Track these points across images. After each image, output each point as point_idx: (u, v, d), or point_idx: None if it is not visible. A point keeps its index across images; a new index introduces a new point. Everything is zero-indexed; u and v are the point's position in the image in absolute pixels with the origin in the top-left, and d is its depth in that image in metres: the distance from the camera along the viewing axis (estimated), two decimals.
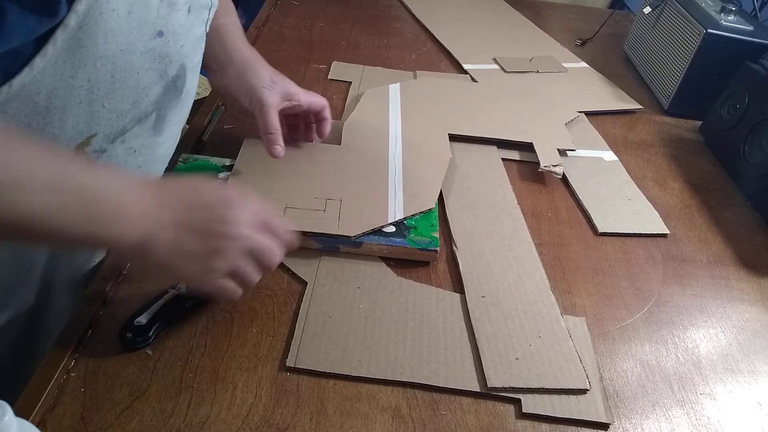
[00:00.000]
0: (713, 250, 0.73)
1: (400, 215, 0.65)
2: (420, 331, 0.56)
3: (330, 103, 0.73)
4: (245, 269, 0.48)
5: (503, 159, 0.82)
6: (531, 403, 0.51)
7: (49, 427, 0.45)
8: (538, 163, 0.79)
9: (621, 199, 0.77)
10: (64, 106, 0.47)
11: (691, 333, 0.61)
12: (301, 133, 0.75)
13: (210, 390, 0.49)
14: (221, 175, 0.68)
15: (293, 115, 0.72)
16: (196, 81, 0.64)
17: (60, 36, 0.43)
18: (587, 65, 1.11)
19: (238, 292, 0.49)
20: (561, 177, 0.79)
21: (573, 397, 0.52)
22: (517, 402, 0.51)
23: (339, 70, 1.00)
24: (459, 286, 0.61)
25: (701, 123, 0.96)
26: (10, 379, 0.59)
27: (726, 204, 0.81)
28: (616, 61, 1.17)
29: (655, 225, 0.74)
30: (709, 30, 0.91)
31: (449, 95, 0.93)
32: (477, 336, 0.55)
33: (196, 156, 0.71)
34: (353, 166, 0.72)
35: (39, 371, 0.48)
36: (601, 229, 0.72)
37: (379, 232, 0.63)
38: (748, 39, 0.92)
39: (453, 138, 0.82)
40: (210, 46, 0.65)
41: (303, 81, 0.96)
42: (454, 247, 0.66)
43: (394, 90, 0.91)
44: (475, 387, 0.51)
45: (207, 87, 0.72)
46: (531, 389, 0.52)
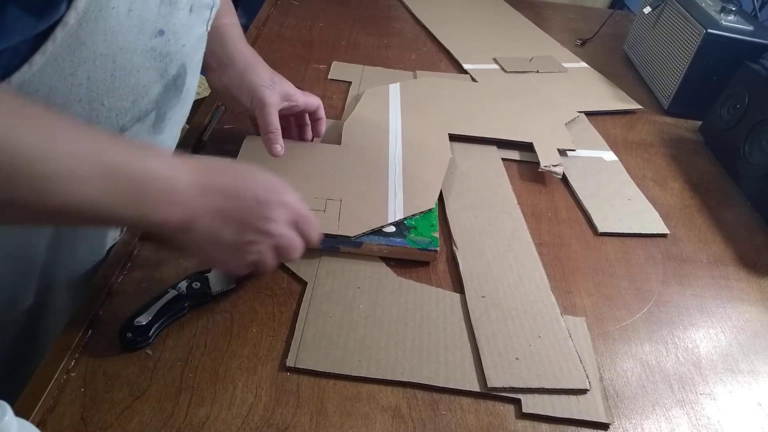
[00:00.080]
0: (713, 250, 0.73)
1: (400, 215, 0.65)
2: (420, 331, 0.56)
3: (330, 103, 0.74)
4: (267, 259, 0.51)
5: (503, 159, 0.82)
6: (531, 403, 0.51)
7: (49, 427, 0.45)
8: (538, 163, 0.79)
9: (621, 199, 0.77)
10: (63, 103, 0.47)
11: (691, 333, 0.61)
12: (294, 134, 0.76)
13: (210, 390, 0.49)
14: None
15: (284, 116, 0.72)
16: (196, 80, 0.64)
17: (59, 33, 0.43)
18: (587, 65, 1.11)
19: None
20: (561, 177, 0.79)
21: (573, 397, 0.52)
22: (517, 402, 0.51)
23: (339, 70, 1.00)
24: (459, 286, 0.61)
25: (701, 123, 0.96)
26: (10, 379, 0.59)
27: (726, 204, 0.81)
28: (616, 61, 1.17)
29: (655, 225, 0.74)
30: (709, 30, 0.91)
31: (449, 95, 0.93)
32: (477, 336, 0.55)
33: (196, 156, 0.71)
34: (353, 165, 0.72)
35: (39, 371, 0.48)
36: (601, 229, 0.72)
37: (379, 232, 0.63)
38: (748, 39, 0.92)
39: (453, 138, 0.82)
40: (210, 45, 0.65)
41: (303, 81, 0.96)
42: (454, 247, 0.66)
43: (394, 90, 0.91)
44: (475, 387, 0.51)
45: (207, 87, 0.72)
46: (531, 389, 0.52)
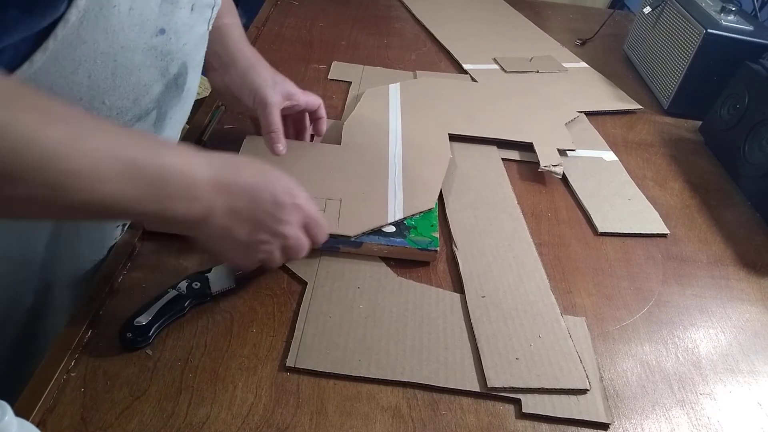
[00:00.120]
0: (713, 250, 0.73)
1: (400, 215, 0.65)
2: (420, 331, 0.56)
3: (330, 103, 0.74)
4: (275, 257, 0.53)
5: (503, 159, 0.82)
6: (531, 403, 0.51)
7: (49, 427, 0.45)
8: (538, 163, 0.79)
9: (621, 199, 0.77)
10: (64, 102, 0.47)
11: (691, 333, 0.61)
12: (291, 134, 0.76)
13: (210, 390, 0.49)
14: None
15: (282, 117, 0.72)
16: (197, 80, 0.64)
17: (60, 31, 0.43)
18: (587, 65, 1.11)
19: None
20: (561, 177, 0.79)
21: (573, 397, 0.52)
22: (517, 402, 0.51)
23: (339, 70, 1.00)
24: (459, 286, 0.61)
25: (701, 123, 0.96)
26: (10, 379, 0.59)
27: (726, 204, 0.81)
28: (616, 61, 1.17)
29: (655, 225, 0.74)
30: (709, 30, 0.91)
31: (449, 95, 0.93)
32: (477, 336, 0.55)
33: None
34: (353, 165, 0.72)
35: (39, 371, 0.48)
36: (601, 229, 0.72)
37: (379, 232, 0.63)
38: (748, 39, 0.92)
39: (453, 138, 0.82)
40: (212, 45, 0.65)
41: (303, 81, 0.96)
42: (454, 247, 0.66)
43: (394, 90, 0.91)
44: (475, 387, 0.51)
45: (207, 87, 0.72)
46: (531, 389, 0.52)
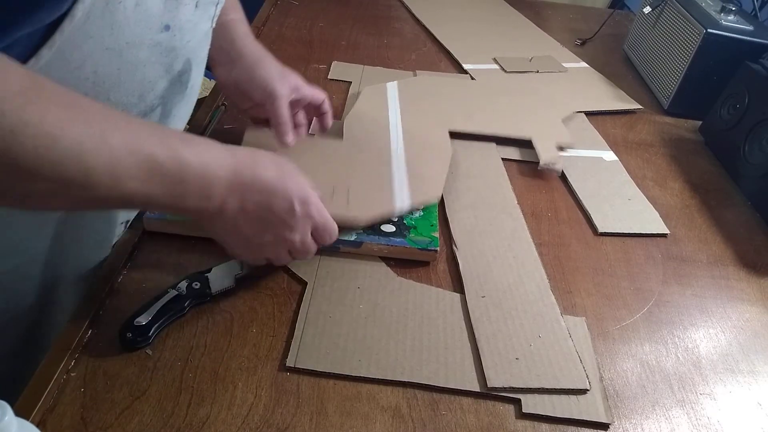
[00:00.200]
0: (713, 250, 0.73)
1: (407, 202, 0.65)
2: (420, 331, 0.56)
3: (330, 103, 0.73)
4: (281, 257, 0.55)
5: (503, 159, 0.82)
6: (531, 403, 0.51)
7: (49, 427, 0.45)
8: (537, 162, 0.79)
9: (621, 199, 0.77)
10: None
11: (691, 333, 0.61)
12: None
13: (210, 390, 0.49)
14: None
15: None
16: (201, 77, 0.65)
17: (67, 26, 0.43)
18: (587, 65, 1.11)
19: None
20: (560, 174, 0.79)
21: (573, 397, 0.52)
22: (517, 402, 0.51)
23: (339, 70, 1.00)
24: (459, 286, 0.61)
25: (701, 123, 0.96)
26: (13, 378, 0.59)
27: (726, 204, 0.81)
28: (616, 61, 1.17)
29: (655, 225, 0.74)
30: (709, 30, 0.91)
31: (448, 93, 0.93)
32: (477, 336, 0.55)
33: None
34: (357, 157, 0.72)
35: (39, 371, 0.48)
36: (601, 229, 0.72)
37: (379, 232, 0.63)
38: (748, 39, 0.92)
39: (452, 135, 0.82)
40: (218, 40, 0.66)
41: None
42: (454, 247, 0.66)
43: (392, 88, 0.91)
44: (475, 387, 0.51)
45: (207, 87, 0.72)
46: (531, 389, 0.52)
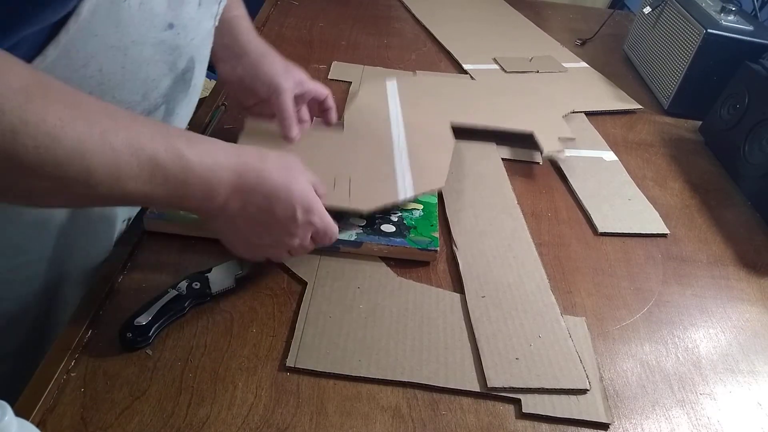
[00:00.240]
0: (713, 250, 0.73)
1: (410, 192, 0.65)
2: (420, 331, 0.56)
3: None
4: (280, 257, 0.57)
5: (503, 159, 0.82)
6: (531, 403, 0.51)
7: (49, 427, 0.45)
8: (538, 163, 0.79)
9: (621, 199, 0.77)
10: None
11: (691, 333, 0.61)
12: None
13: (210, 390, 0.49)
14: None
15: None
16: (203, 75, 0.65)
17: (72, 24, 0.43)
18: (587, 65, 1.11)
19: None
20: (563, 160, 0.79)
21: (573, 397, 0.52)
22: (517, 402, 0.51)
23: (339, 70, 1.00)
24: (459, 286, 0.61)
25: (701, 123, 0.96)
26: (13, 379, 0.59)
27: (726, 204, 0.81)
28: (616, 61, 1.17)
29: (655, 225, 0.74)
30: (709, 30, 0.91)
31: (447, 93, 0.93)
32: (477, 336, 0.55)
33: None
34: (359, 148, 0.72)
35: (39, 371, 0.48)
36: (601, 229, 0.72)
37: (379, 232, 0.63)
38: (748, 39, 0.92)
39: (452, 134, 0.82)
40: (221, 37, 0.66)
41: None
42: (454, 247, 0.66)
43: (391, 86, 0.90)
44: (475, 387, 0.51)
45: (207, 87, 0.72)
46: (531, 389, 0.52)
